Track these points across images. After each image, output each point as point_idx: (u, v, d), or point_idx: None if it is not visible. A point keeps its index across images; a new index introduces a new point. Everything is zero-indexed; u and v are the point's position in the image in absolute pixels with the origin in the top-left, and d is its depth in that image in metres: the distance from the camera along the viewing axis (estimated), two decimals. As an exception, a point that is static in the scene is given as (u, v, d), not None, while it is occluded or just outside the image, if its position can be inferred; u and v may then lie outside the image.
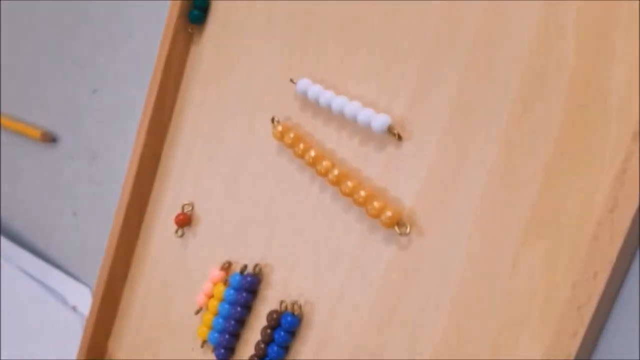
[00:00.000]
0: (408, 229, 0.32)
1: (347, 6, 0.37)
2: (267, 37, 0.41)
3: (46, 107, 0.62)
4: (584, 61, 0.27)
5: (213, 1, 0.45)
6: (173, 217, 0.45)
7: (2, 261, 0.62)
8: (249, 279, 0.39)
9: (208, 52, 0.45)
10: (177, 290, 0.45)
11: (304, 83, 0.37)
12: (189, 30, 0.46)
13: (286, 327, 0.36)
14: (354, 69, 0.36)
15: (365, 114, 0.33)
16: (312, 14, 0.39)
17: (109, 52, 0.56)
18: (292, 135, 0.38)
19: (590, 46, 0.27)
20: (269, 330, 0.37)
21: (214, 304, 0.41)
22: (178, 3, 0.45)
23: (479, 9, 0.31)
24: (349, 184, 0.34)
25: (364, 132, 0.35)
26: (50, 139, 0.61)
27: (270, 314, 0.37)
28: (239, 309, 0.39)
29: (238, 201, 0.42)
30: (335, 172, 0.35)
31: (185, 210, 0.45)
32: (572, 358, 0.25)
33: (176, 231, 0.45)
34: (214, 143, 0.44)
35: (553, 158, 0.27)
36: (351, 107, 0.34)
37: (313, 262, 0.36)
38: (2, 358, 0.61)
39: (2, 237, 0.64)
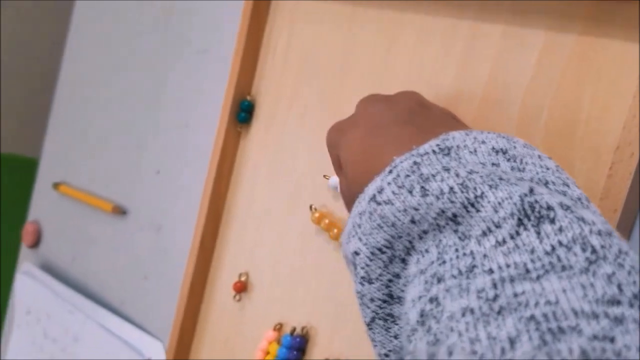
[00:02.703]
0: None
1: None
2: (302, 138, 0.50)
3: (117, 184, 0.72)
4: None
5: (257, 106, 0.55)
6: (231, 283, 0.54)
7: (84, 317, 0.73)
8: (297, 339, 0.47)
9: (255, 147, 0.55)
10: (237, 348, 0.54)
11: (334, 180, 0.46)
12: (238, 128, 0.55)
13: (330, 380, 0.45)
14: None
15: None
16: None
17: (168, 138, 0.66)
18: (327, 221, 0.46)
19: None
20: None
21: None
22: (229, 107, 0.55)
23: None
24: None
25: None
26: (120, 211, 0.71)
27: (316, 369, 0.46)
28: (290, 364, 0.48)
29: (285, 272, 0.50)
30: (364, 253, 0.43)
31: (241, 278, 0.54)
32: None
33: (234, 296, 0.54)
34: (263, 223, 0.53)
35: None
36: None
37: (351, 325, 0.45)
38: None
39: (82, 297, 0.74)
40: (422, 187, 0.25)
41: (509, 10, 0.38)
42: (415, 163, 0.26)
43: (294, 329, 0.48)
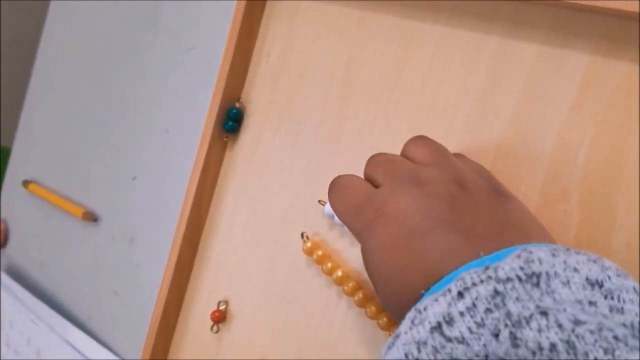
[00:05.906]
0: None
1: (370, 139, 0.40)
2: (295, 156, 0.45)
3: (90, 188, 0.66)
4: (587, 222, 0.30)
5: (246, 115, 0.49)
6: (208, 311, 0.49)
7: (48, 330, 0.67)
8: (280, 383, 0.42)
9: (241, 160, 0.49)
10: (212, 383, 0.48)
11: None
12: (224, 138, 0.50)
13: None
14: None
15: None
16: (335, 143, 0.42)
17: (147, 143, 0.60)
18: (320, 252, 0.41)
19: (593, 209, 0.30)
20: None
21: (247, 402, 0.44)
22: (215, 113, 0.49)
23: (489, 160, 0.34)
24: (373, 308, 0.37)
25: (387, 257, 0.38)
26: (91, 218, 0.65)
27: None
28: (271, 409, 0.42)
29: (270, 304, 0.45)
30: (360, 294, 0.38)
31: (220, 307, 0.48)
32: None
33: (212, 327, 0.48)
34: (247, 246, 0.48)
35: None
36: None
37: (340, 373, 0.39)
38: None
39: (47, 307, 0.68)
40: (512, 333, 0.20)
41: (547, 28, 0.32)
42: (497, 292, 0.21)
43: (276, 371, 0.43)
